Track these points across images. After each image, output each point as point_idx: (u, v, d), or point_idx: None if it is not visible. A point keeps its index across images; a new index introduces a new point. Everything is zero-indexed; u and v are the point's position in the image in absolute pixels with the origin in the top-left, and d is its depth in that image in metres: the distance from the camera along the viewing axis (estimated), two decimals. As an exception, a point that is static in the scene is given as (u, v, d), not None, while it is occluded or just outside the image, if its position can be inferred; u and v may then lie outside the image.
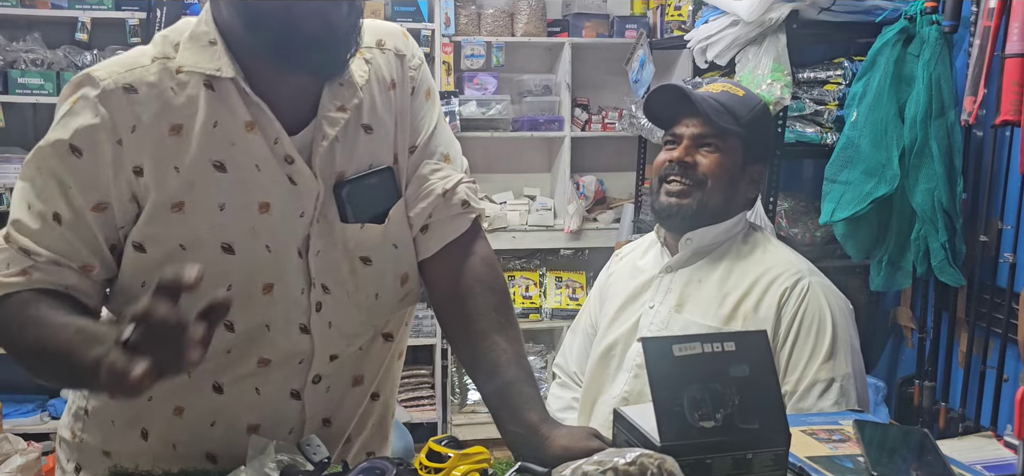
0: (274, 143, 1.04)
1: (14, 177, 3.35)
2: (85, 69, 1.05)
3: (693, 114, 1.53)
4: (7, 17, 3.34)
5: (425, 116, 1.17)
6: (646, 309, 1.59)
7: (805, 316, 1.47)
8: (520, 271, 3.86)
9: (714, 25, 2.59)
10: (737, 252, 1.56)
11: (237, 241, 1.04)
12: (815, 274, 1.53)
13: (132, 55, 1.05)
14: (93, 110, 1.00)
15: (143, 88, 1.01)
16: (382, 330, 1.20)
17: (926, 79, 2.19)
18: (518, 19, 3.65)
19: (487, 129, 3.65)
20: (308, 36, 0.97)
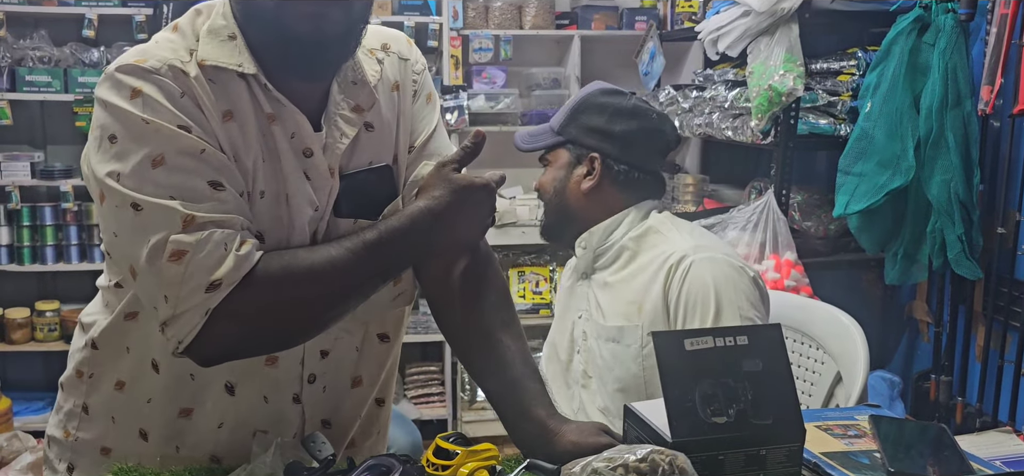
0: (291, 137, 1.03)
1: (23, 175, 3.36)
2: (116, 68, 0.97)
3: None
4: (14, 14, 3.35)
5: (425, 119, 1.17)
6: (576, 318, 1.64)
7: (689, 296, 1.45)
8: (530, 266, 3.83)
9: (725, 16, 2.55)
10: (633, 246, 1.57)
11: (268, 230, 1.03)
12: (703, 251, 1.49)
13: (169, 45, 1.01)
14: (171, 90, 0.96)
15: (192, 76, 0.98)
16: (377, 330, 1.19)
17: (942, 68, 2.15)
18: (526, 12, 3.62)
19: (496, 123, 3.62)
20: (298, 37, 0.96)
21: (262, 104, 1.02)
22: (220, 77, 1.00)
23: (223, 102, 0.99)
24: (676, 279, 1.47)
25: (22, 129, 3.50)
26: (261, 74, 1.00)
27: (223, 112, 0.99)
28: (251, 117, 1.01)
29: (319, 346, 1.12)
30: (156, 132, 0.94)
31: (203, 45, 1.00)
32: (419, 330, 3.53)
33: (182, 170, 0.94)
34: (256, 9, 0.98)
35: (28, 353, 3.43)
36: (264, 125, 1.02)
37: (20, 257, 3.40)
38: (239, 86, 1.01)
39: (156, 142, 0.94)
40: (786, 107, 2.42)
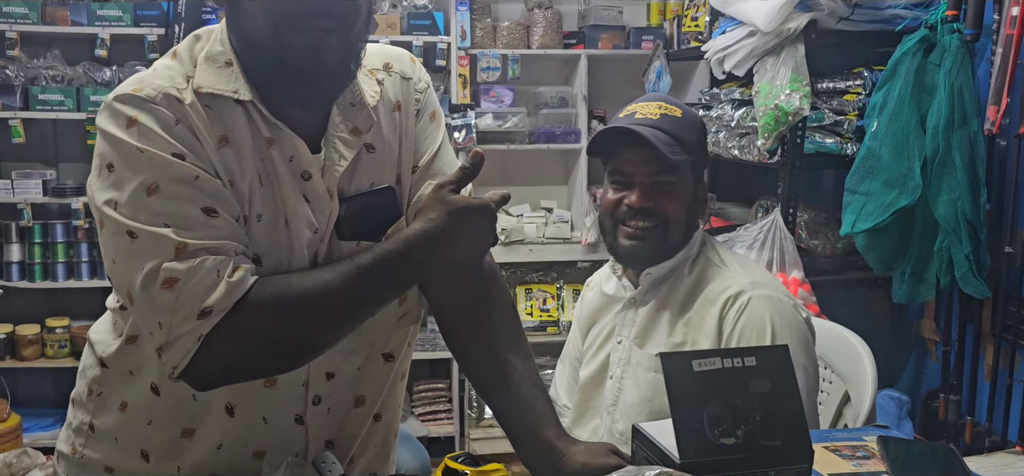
0: (290, 160, 1.04)
1: (35, 192, 3.40)
2: (114, 98, 0.99)
3: (640, 148, 1.47)
4: (28, 34, 3.39)
5: (429, 138, 1.17)
6: (615, 344, 1.58)
7: (744, 332, 1.43)
8: (537, 284, 3.84)
9: (731, 36, 2.57)
10: (689, 276, 1.53)
11: (266, 254, 1.04)
12: (760, 287, 1.47)
13: (167, 72, 1.02)
14: (165, 118, 0.97)
15: (187, 105, 1.00)
16: (382, 350, 1.19)
17: (948, 88, 2.16)
18: (534, 32, 3.65)
19: (503, 141, 3.65)
20: (296, 68, 0.97)
21: (260, 128, 1.02)
22: (216, 103, 1.01)
23: (219, 128, 1.00)
24: (732, 313, 1.44)
25: (34, 147, 3.54)
26: (257, 100, 1.01)
27: (219, 137, 1.00)
28: (247, 141, 1.02)
29: (325, 368, 1.12)
30: (150, 161, 0.95)
31: (200, 72, 1.01)
32: (426, 347, 3.54)
33: (176, 197, 0.95)
34: (253, 40, 0.99)
35: (38, 370, 3.45)
36: (262, 149, 1.03)
37: (31, 274, 3.42)
38: (235, 111, 1.01)
39: (150, 170, 0.95)
40: (792, 126, 2.43)
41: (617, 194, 1.51)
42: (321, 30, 0.96)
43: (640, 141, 1.45)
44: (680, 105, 1.53)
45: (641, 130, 1.45)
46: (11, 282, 3.41)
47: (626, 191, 1.50)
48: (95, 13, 3.37)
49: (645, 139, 1.44)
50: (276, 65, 0.98)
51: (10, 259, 3.42)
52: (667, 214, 1.48)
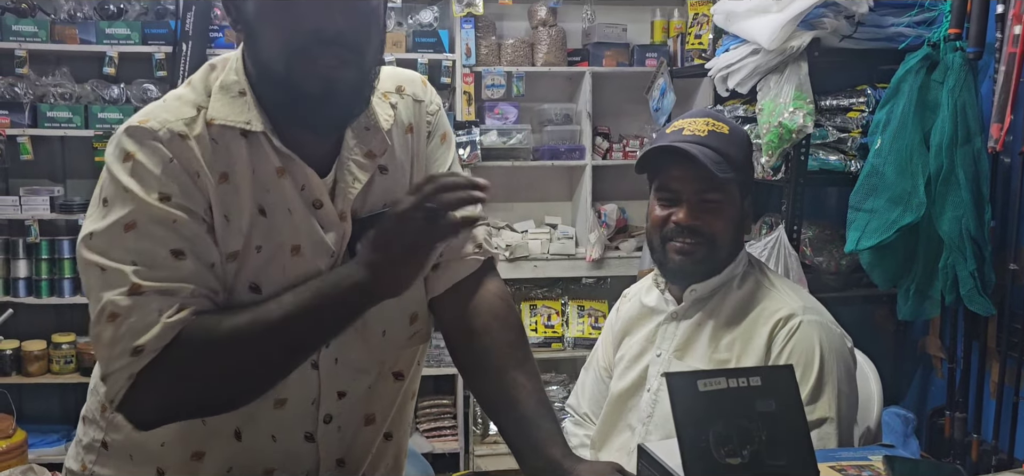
0: (301, 189, 1.05)
1: (42, 209, 3.42)
2: (126, 127, 1.01)
3: (688, 165, 1.47)
4: (37, 53, 3.42)
5: (440, 158, 1.19)
6: (654, 357, 1.58)
7: (793, 355, 1.43)
8: (542, 300, 3.84)
9: (735, 54, 2.58)
10: (735, 294, 1.53)
11: (266, 282, 1.05)
12: (810, 312, 1.48)
13: (177, 104, 1.04)
14: (162, 156, 0.99)
15: (193, 138, 1.01)
16: (392, 369, 1.20)
17: (951, 106, 2.17)
18: (538, 49, 3.67)
19: (508, 158, 3.66)
20: (309, 96, 0.98)
21: (270, 158, 1.04)
22: (225, 135, 1.02)
23: (221, 163, 1.02)
24: (782, 335, 1.45)
25: (42, 164, 3.56)
26: (269, 130, 1.03)
27: (219, 174, 1.01)
28: (247, 175, 1.03)
29: (336, 387, 1.13)
30: (133, 199, 0.98)
31: (214, 102, 1.03)
32: (431, 363, 3.54)
33: (149, 237, 0.97)
34: (268, 68, 1.00)
35: (44, 385, 3.45)
36: (271, 179, 1.04)
37: (38, 290, 3.44)
38: (241, 143, 1.03)
39: (133, 208, 0.97)
40: (796, 143, 2.44)
41: (664, 211, 1.52)
42: (334, 59, 0.97)
43: (688, 158, 1.45)
44: (728, 122, 1.54)
45: (689, 147, 1.45)
46: (18, 298, 3.42)
47: (673, 208, 1.51)
48: (104, 32, 3.40)
49: (693, 156, 1.44)
50: (290, 93, 0.99)
51: (17, 275, 3.44)
52: (714, 232, 1.49)
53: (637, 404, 1.58)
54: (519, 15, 3.77)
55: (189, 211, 0.99)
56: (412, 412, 1.30)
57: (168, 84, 3.41)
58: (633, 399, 1.59)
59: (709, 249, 1.49)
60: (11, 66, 3.39)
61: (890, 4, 2.42)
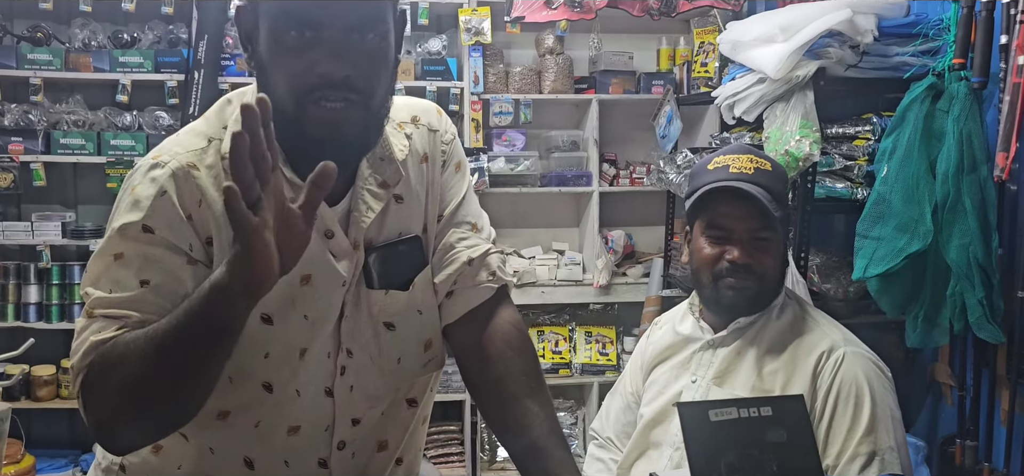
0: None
1: (54, 235, 3.45)
2: (140, 161, 1.07)
3: (740, 203, 1.50)
4: (51, 80, 3.47)
5: (454, 187, 1.20)
6: (688, 383, 1.59)
7: (842, 388, 1.46)
8: (549, 326, 3.85)
9: (741, 82, 2.60)
10: (775, 323, 1.56)
11: (276, 312, 1.07)
12: (851, 343, 1.52)
13: (187, 137, 1.08)
14: (160, 189, 1.02)
15: (202, 168, 1.04)
16: (406, 395, 1.21)
17: (957, 135, 2.18)
18: (545, 77, 3.70)
19: (516, 185, 3.68)
20: (315, 137, 1.00)
21: (283, 189, 1.04)
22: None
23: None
24: (827, 368, 1.48)
25: (54, 190, 3.60)
26: (282, 162, 1.03)
27: (221, 209, 1.02)
28: None
29: (350, 415, 1.14)
30: (122, 229, 1.01)
31: (228, 135, 1.04)
32: (439, 389, 3.52)
33: (126, 265, 1.00)
34: (277, 108, 1.00)
35: (53, 410, 3.47)
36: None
37: (48, 315, 3.46)
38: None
39: (123, 238, 1.01)
40: (803, 171, 2.45)
41: (715, 248, 1.54)
42: (341, 101, 0.98)
43: (742, 196, 1.48)
44: (767, 157, 1.57)
45: (744, 186, 1.48)
46: (28, 323, 3.44)
47: (726, 246, 1.52)
48: (117, 60, 3.45)
49: (749, 195, 1.47)
50: (298, 133, 1.01)
51: (28, 300, 3.47)
52: (765, 270, 1.53)
53: (668, 429, 1.59)
54: (526, 43, 3.81)
55: (171, 246, 1.01)
56: (424, 437, 1.31)
57: (179, 112, 3.46)
58: (663, 425, 1.60)
59: (760, 285, 1.53)
60: (26, 94, 3.44)
61: (894, 34, 2.44)
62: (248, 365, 1.08)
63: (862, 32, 2.39)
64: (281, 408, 1.11)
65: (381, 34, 1.01)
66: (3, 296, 3.46)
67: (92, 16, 3.50)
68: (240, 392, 1.09)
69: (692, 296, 1.68)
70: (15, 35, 3.47)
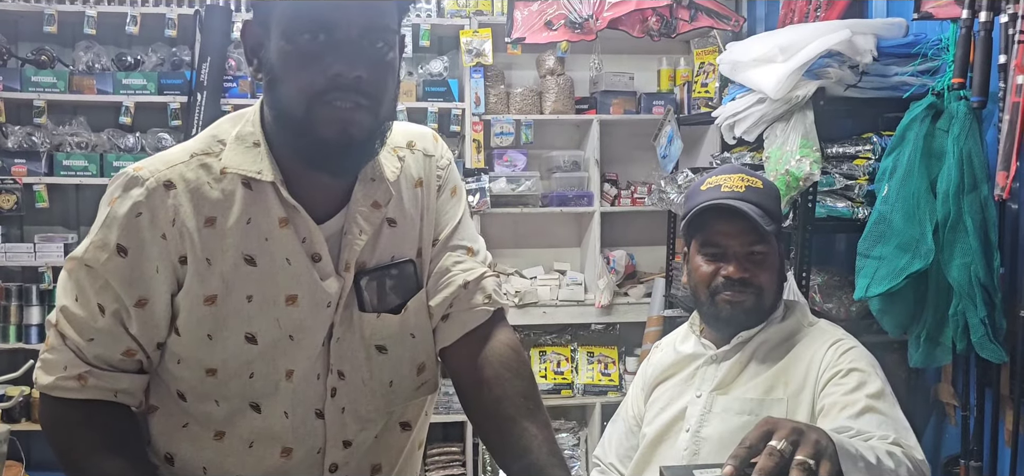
0: (302, 241, 1.08)
1: (57, 256, 3.46)
2: (127, 168, 1.09)
3: (734, 220, 1.54)
4: (55, 103, 3.49)
5: (450, 211, 1.21)
6: (692, 398, 1.61)
7: (844, 364, 1.50)
8: (551, 346, 3.84)
9: (741, 102, 2.61)
10: (778, 331, 1.60)
11: (261, 332, 1.08)
12: (854, 340, 1.58)
13: (173, 152, 1.10)
14: (137, 208, 1.04)
15: (180, 183, 1.05)
16: (400, 419, 1.21)
17: (957, 154, 2.18)
18: (546, 97, 3.72)
19: (517, 205, 3.69)
20: (325, 139, 1.01)
21: (273, 208, 1.06)
22: (222, 183, 1.07)
23: (211, 208, 1.06)
24: (832, 352, 1.53)
25: (57, 211, 3.61)
26: (279, 181, 1.06)
27: (206, 218, 1.05)
28: (239, 224, 1.06)
29: (342, 437, 1.14)
30: (98, 244, 1.05)
31: (228, 151, 1.07)
32: (440, 410, 3.53)
33: (90, 284, 1.05)
34: (286, 113, 1.03)
35: (53, 432, 3.45)
36: (273, 229, 1.07)
37: (50, 337, 3.46)
38: (240, 193, 1.06)
39: (93, 250, 1.06)
40: (804, 191, 2.45)
41: (711, 266, 1.58)
42: (351, 103, 1.00)
43: (734, 214, 1.52)
44: (759, 176, 1.63)
45: (735, 204, 1.52)
46: (30, 344, 3.44)
47: (720, 263, 1.57)
48: (121, 82, 3.48)
49: (741, 212, 1.52)
50: (307, 137, 1.02)
51: (30, 321, 3.47)
52: (761, 284, 1.57)
53: (673, 444, 1.60)
54: (527, 64, 3.83)
55: (133, 280, 1.05)
56: (420, 461, 1.31)
57: (182, 133, 3.47)
58: (667, 440, 1.62)
59: (757, 299, 1.57)
60: (29, 116, 3.46)
61: (893, 54, 2.45)
62: (233, 385, 1.09)
63: (861, 52, 2.40)
64: (271, 429, 1.11)
65: (390, 44, 1.03)
66: (5, 317, 3.46)
67: (96, 39, 3.53)
68: (228, 413, 1.10)
69: (693, 316, 1.70)
70: (19, 58, 3.50)
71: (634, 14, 3.55)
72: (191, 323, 1.07)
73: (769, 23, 3.53)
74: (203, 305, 1.06)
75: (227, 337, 1.07)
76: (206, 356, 1.08)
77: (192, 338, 1.07)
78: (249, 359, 1.08)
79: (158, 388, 1.12)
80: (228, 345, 1.07)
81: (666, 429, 1.62)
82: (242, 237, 1.06)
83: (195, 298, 1.06)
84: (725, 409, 1.55)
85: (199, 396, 1.10)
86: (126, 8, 3.47)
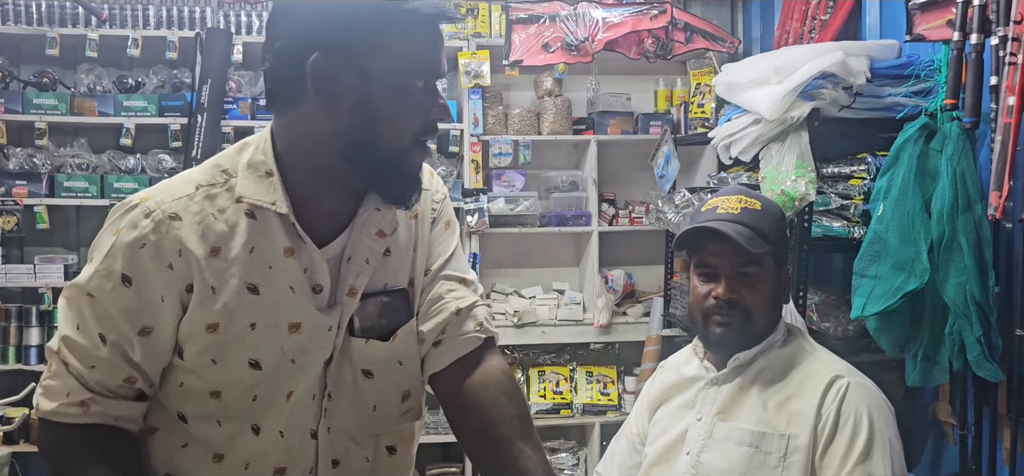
0: (304, 271, 1.10)
1: (57, 277, 3.46)
2: (130, 198, 1.10)
3: (723, 242, 1.57)
4: (56, 124, 3.51)
5: (443, 244, 1.24)
6: (693, 421, 1.62)
7: (843, 414, 1.51)
8: (550, 366, 3.84)
9: (737, 123, 2.63)
10: (778, 356, 1.61)
11: (265, 358, 1.10)
12: (854, 375, 1.57)
13: (177, 184, 1.11)
14: (142, 240, 1.05)
15: (186, 215, 1.07)
16: (386, 443, 1.23)
17: (950, 174, 2.20)
18: (544, 118, 3.74)
19: (515, 225, 3.70)
20: (413, 174, 1.09)
21: (278, 239, 1.08)
22: (227, 213, 1.08)
23: (216, 238, 1.07)
24: (831, 395, 1.53)
25: (57, 232, 3.63)
26: (292, 214, 1.08)
27: (211, 247, 1.07)
28: (242, 253, 1.07)
29: (330, 456, 1.17)
30: (103, 272, 1.06)
31: (242, 180, 1.09)
32: (440, 430, 3.52)
33: (94, 316, 1.06)
34: (373, 146, 1.05)
35: (52, 454, 3.45)
36: (277, 258, 1.09)
37: (49, 358, 3.46)
38: (244, 223, 1.08)
39: (97, 279, 1.06)
40: (799, 211, 2.47)
41: (704, 286, 1.61)
42: (431, 145, 1.09)
43: (723, 236, 1.55)
44: (760, 198, 1.64)
45: (722, 227, 1.55)
46: (29, 365, 3.44)
47: (712, 283, 1.60)
48: (122, 104, 3.50)
49: (727, 236, 1.54)
50: (391, 168, 1.06)
51: (29, 343, 3.47)
52: (749, 306, 1.58)
53: (674, 466, 1.62)
54: (525, 86, 3.86)
55: (137, 310, 1.06)
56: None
57: (182, 154, 3.49)
58: (665, 464, 1.64)
59: (746, 321, 1.58)
60: (31, 137, 3.48)
61: (887, 75, 2.47)
62: (236, 408, 1.11)
63: (855, 73, 2.43)
64: (266, 449, 1.13)
65: None
66: (4, 339, 3.46)
67: (98, 61, 3.56)
68: (229, 434, 1.12)
69: (696, 338, 1.73)
70: (21, 80, 3.52)
71: (630, 36, 3.58)
72: (195, 349, 1.09)
73: (764, 45, 3.56)
74: (206, 332, 1.08)
75: (231, 362, 1.09)
76: (210, 380, 1.10)
77: (196, 363, 1.09)
78: (252, 384, 1.10)
79: (158, 409, 1.13)
80: (232, 370, 1.09)
81: (667, 451, 1.63)
82: (246, 266, 1.08)
83: (198, 325, 1.08)
84: (726, 437, 1.57)
85: (201, 417, 1.12)
86: (127, 31, 3.49)
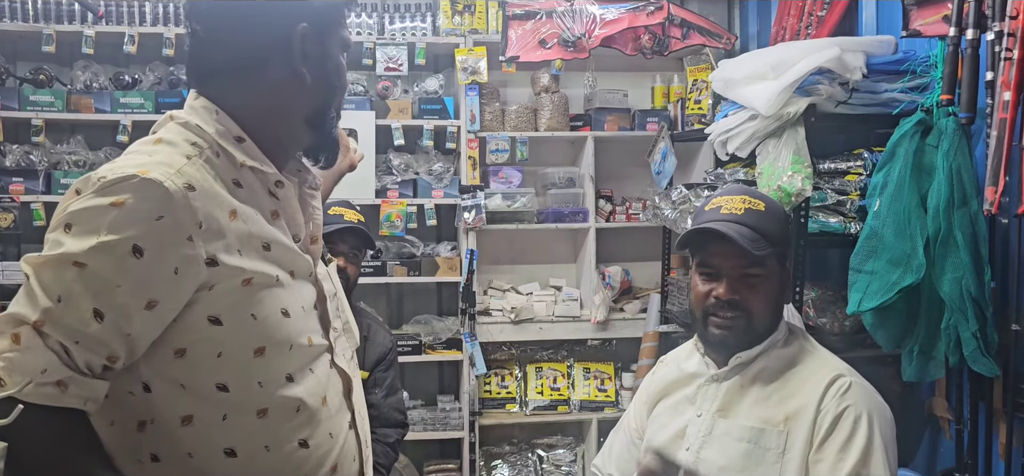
0: (286, 225, 1.18)
1: (54, 274, 3.46)
2: (113, 168, 1.04)
3: (726, 243, 1.56)
4: (53, 121, 3.50)
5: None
6: (694, 417, 1.63)
7: (842, 411, 1.51)
8: (548, 362, 3.84)
9: (733, 119, 2.64)
10: (779, 355, 1.61)
11: (292, 309, 1.17)
12: (856, 376, 1.57)
13: (168, 154, 1.07)
14: (159, 211, 1.01)
15: (199, 186, 1.05)
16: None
17: (946, 169, 2.20)
18: (541, 115, 3.74)
19: (512, 221, 3.70)
20: (332, 136, 1.24)
21: (264, 201, 1.14)
22: (218, 180, 1.11)
23: (225, 204, 1.08)
24: (831, 393, 1.53)
25: (54, 230, 3.62)
26: (277, 172, 1.16)
27: (230, 210, 1.08)
28: (251, 212, 1.12)
29: (364, 435, 1.25)
30: (106, 248, 1.00)
31: (235, 148, 1.13)
32: (437, 426, 3.53)
33: (88, 289, 0.99)
34: (324, 111, 1.21)
35: (49, 451, 3.44)
36: (267, 217, 1.14)
37: (46, 355, 3.46)
38: (238, 192, 1.12)
39: (96, 255, 0.99)
40: (796, 206, 2.48)
41: (706, 286, 1.61)
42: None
43: (726, 238, 1.54)
44: (764, 198, 1.63)
45: (726, 228, 1.55)
46: (26, 363, 3.44)
47: (714, 283, 1.59)
48: (119, 101, 3.49)
49: (730, 237, 1.54)
50: (320, 133, 1.21)
51: (26, 340, 3.46)
52: (751, 307, 1.58)
53: (674, 457, 1.63)
54: (522, 82, 3.86)
55: (147, 282, 1.00)
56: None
57: (180, 151, 3.49)
58: (667, 458, 1.64)
59: (747, 322, 1.58)
60: (27, 135, 3.47)
61: (883, 71, 2.48)
62: (277, 367, 1.14)
63: (851, 69, 2.43)
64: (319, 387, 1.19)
65: None
66: (1, 336, 3.45)
67: (94, 58, 3.55)
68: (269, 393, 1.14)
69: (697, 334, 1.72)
70: (18, 77, 3.51)
71: (627, 32, 3.58)
72: (232, 309, 1.08)
73: (761, 41, 3.57)
74: (241, 287, 1.09)
75: (266, 314, 1.11)
76: (255, 335, 1.10)
77: (236, 326, 1.09)
78: (288, 334, 1.15)
79: (184, 396, 1.08)
80: (267, 323, 1.11)
81: (666, 446, 1.64)
82: (255, 226, 1.12)
83: (234, 283, 1.08)
84: (726, 434, 1.58)
85: (243, 383, 1.10)
86: (124, 28, 3.49)
